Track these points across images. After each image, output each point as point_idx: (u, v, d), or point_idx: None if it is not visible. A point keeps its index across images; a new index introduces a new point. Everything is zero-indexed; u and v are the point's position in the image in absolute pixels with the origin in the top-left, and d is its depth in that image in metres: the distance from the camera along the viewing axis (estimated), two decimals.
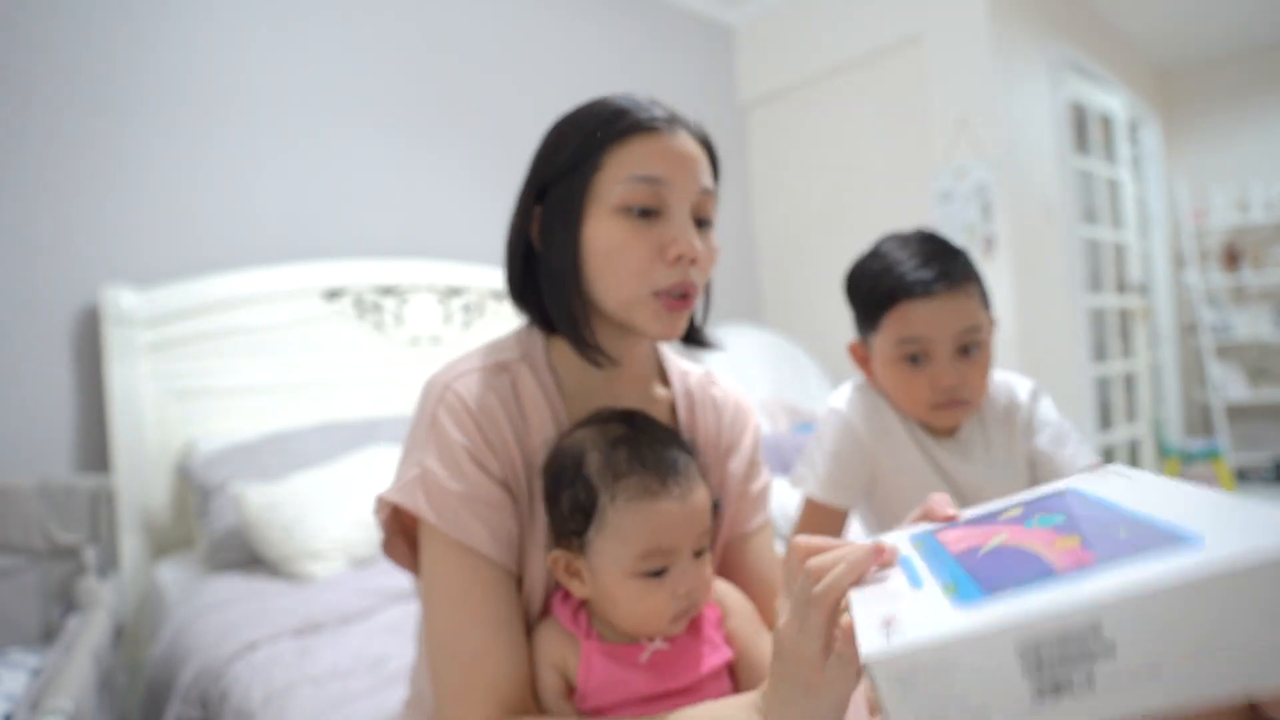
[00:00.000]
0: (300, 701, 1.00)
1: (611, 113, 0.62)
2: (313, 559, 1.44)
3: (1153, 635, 0.29)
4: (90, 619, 1.07)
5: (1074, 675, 0.30)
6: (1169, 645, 0.29)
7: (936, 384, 0.86)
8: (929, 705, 0.32)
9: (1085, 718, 0.30)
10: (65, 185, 1.68)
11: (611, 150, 0.61)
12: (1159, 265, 3.96)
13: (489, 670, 0.56)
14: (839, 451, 0.92)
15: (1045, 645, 0.31)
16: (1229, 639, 0.29)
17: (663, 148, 0.61)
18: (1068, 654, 0.30)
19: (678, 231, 0.61)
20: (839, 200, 3.03)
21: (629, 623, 0.58)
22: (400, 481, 0.60)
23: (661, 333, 0.62)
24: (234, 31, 1.93)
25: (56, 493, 1.34)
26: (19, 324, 1.61)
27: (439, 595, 0.58)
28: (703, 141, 0.65)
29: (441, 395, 0.61)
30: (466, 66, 2.39)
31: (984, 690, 0.31)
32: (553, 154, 0.63)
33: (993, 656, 0.31)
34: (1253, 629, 0.29)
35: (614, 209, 0.60)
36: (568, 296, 0.62)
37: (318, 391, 1.93)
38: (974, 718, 0.32)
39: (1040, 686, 0.31)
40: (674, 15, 3.06)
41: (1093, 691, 0.30)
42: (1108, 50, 3.44)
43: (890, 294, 0.87)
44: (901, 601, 0.37)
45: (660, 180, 0.60)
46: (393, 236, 2.19)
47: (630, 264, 0.60)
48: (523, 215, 0.66)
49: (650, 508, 0.56)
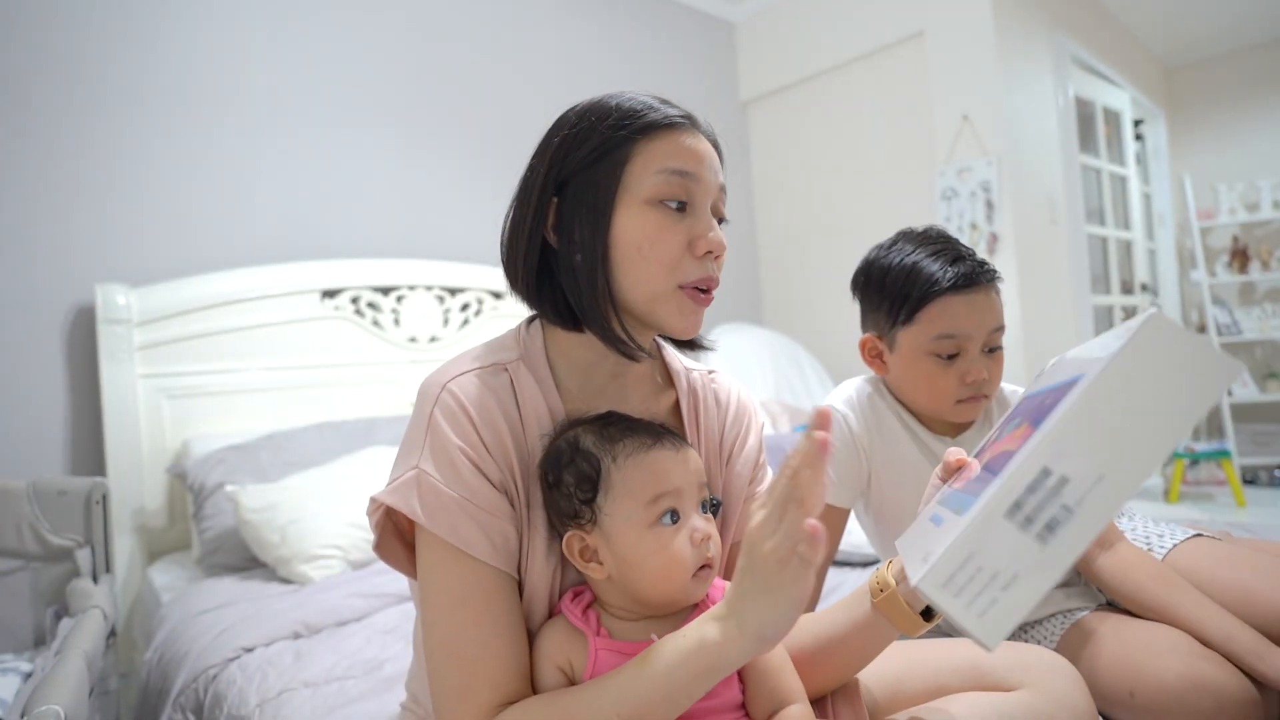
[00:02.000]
0: (296, 705, 0.99)
1: (635, 107, 0.62)
2: (309, 561, 1.43)
3: (1083, 453, 0.39)
4: (83, 622, 1.06)
5: (1055, 511, 0.39)
6: (1097, 453, 0.39)
7: (966, 379, 0.88)
8: (974, 594, 0.40)
9: (1082, 537, 0.38)
10: (61, 184, 1.67)
11: (641, 143, 0.61)
12: (1166, 264, 3.93)
13: (487, 673, 0.56)
14: (837, 451, 0.92)
15: (1021, 501, 0.40)
16: (1132, 426, 0.38)
17: (689, 143, 0.62)
18: (1040, 499, 0.39)
19: (704, 227, 0.62)
20: (841, 198, 3.01)
21: (652, 581, 0.58)
22: (395, 483, 0.59)
23: (685, 327, 0.63)
24: (232, 31, 1.92)
25: (49, 494, 1.32)
26: (13, 323, 1.60)
27: (436, 598, 0.58)
28: (716, 142, 0.67)
29: (438, 397, 0.60)
30: (466, 65, 2.37)
31: (1004, 558, 0.40)
32: (574, 147, 0.62)
33: (993, 530, 0.40)
34: (1141, 407, 0.38)
35: (646, 201, 0.61)
36: (597, 289, 0.61)
37: (314, 391, 1.91)
38: (1009, 584, 0.39)
39: (1039, 532, 0.39)
40: (675, 12, 3.04)
41: (1074, 515, 0.39)
42: (1113, 46, 3.42)
43: (930, 288, 0.87)
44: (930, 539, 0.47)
45: (690, 175, 0.61)
46: (390, 236, 2.17)
47: (662, 256, 0.61)
48: (535, 209, 0.64)
49: (649, 456, 0.59)
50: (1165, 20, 3.59)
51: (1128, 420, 0.39)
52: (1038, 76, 2.74)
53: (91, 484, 1.35)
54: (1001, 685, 0.63)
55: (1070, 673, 0.64)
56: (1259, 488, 3.73)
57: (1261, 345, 4.02)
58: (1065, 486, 0.39)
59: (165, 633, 1.32)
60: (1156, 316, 0.39)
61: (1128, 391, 0.39)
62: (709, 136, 0.65)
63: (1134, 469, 0.38)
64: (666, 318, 0.62)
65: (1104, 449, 0.39)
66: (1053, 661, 0.65)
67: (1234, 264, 3.99)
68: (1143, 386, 0.39)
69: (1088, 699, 0.63)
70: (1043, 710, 0.60)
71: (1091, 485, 0.39)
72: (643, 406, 0.69)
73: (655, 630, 0.59)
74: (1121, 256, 3.45)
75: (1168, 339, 0.39)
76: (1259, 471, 3.81)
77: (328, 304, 1.96)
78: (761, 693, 0.61)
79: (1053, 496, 0.39)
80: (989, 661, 0.64)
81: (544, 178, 0.63)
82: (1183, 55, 4.07)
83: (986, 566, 0.40)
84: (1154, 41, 3.85)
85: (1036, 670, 0.63)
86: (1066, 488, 0.39)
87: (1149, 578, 0.83)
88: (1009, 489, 0.40)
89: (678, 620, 0.60)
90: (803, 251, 3.15)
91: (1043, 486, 0.39)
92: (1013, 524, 0.40)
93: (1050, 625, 0.90)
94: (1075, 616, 0.88)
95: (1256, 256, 3.97)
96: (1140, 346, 0.39)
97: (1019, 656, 0.65)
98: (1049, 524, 0.39)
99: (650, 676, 0.51)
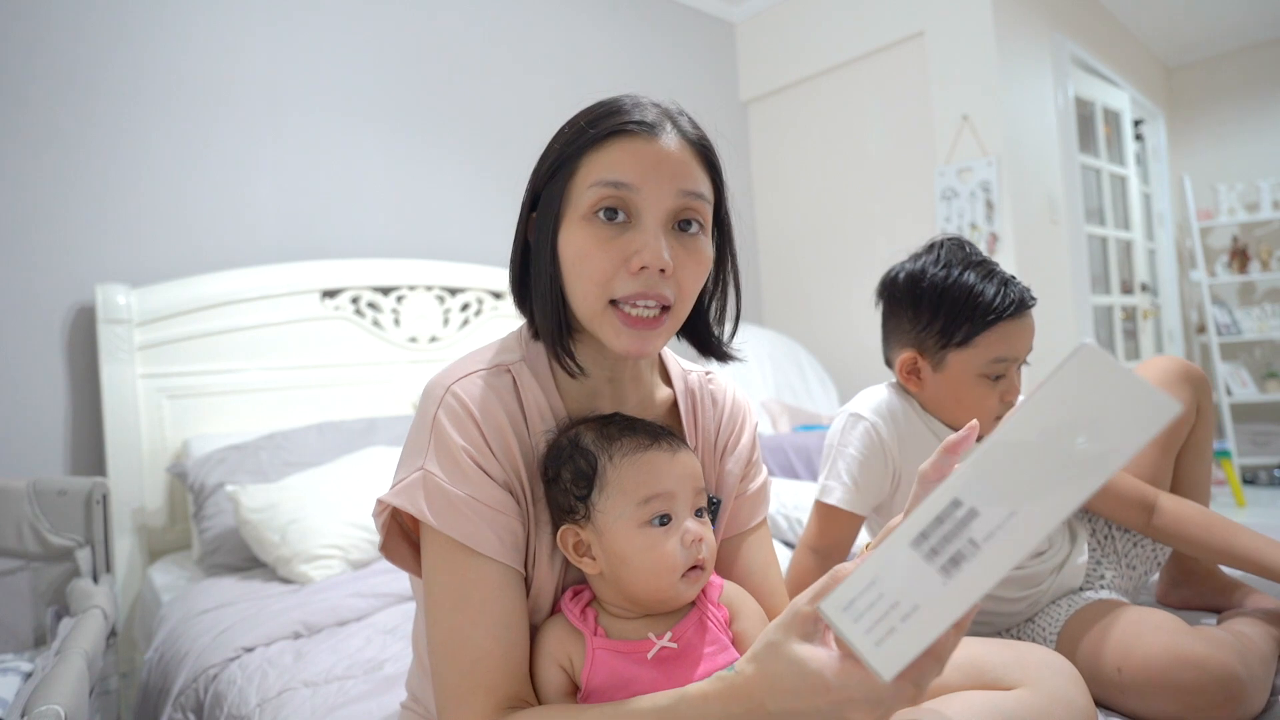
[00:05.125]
0: (296, 705, 0.99)
1: (598, 115, 0.61)
2: (309, 561, 1.43)
3: (996, 487, 0.37)
4: (83, 622, 1.05)
5: (961, 544, 0.37)
6: (1012, 488, 0.37)
7: (1005, 398, 0.90)
8: (873, 621, 0.38)
9: (988, 575, 0.37)
10: (60, 184, 1.67)
11: (587, 156, 0.60)
12: (1166, 264, 3.93)
13: (490, 672, 0.56)
14: (867, 460, 0.93)
15: (928, 531, 0.38)
16: (1052, 463, 0.36)
17: (636, 152, 0.59)
18: (947, 530, 0.38)
19: (643, 241, 0.58)
20: (841, 199, 3.00)
21: (642, 580, 0.58)
22: (400, 484, 0.59)
23: (626, 348, 0.60)
24: (230, 30, 1.92)
25: (49, 494, 1.32)
26: (12, 323, 1.60)
27: (440, 597, 0.58)
28: (698, 143, 0.62)
29: (442, 398, 0.61)
30: (466, 64, 2.37)
31: (906, 588, 0.38)
32: (542, 161, 0.64)
33: (897, 557, 0.39)
34: (1062, 444, 0.36)
35: (583, 216, 0.60)
36: (548, 304, 0.62)
37: (315, 392, 1.91)
38: (908, 615, 0.38)
39: (943, 564, 0.38)
40: (676, 12, 3.04)
41: (979, 550, 0.37)
42: (1113, 46, 3.42)
43: (994, 312, 0.88)
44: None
45: (628, 185, 0.58)
46: (391, 236, 2.17)
47: (593, 273, 0.59)
48: (520, 222, 0.66)
49: (644, 457, 0.60)
50: (1165, 20, 3.59)
51: (1047, 456, 0.37)
52: (1037, 76, 2.74)
53: (91, 484, 1.35)
54: (1000, 684, 0.63)
55: (1069, 671, 0.64)
56: (1259, 488, 3.73)
57: (1261, 345, 4.02)
58: (974, 520, 0.37)
59: (165, 632, 1.31)
60: (1087, 349, 0.37)
61: (1050, 426, 0.37)
62: (688, 138, 0.61)
63: (1050, 508, 0.36)
64: (606, 338, 0.60)
65: (1020, 484, 0.37)
66: (1052, 660, 0.65)
67: (1234, 264, 3.99)
68: (1067, 421, 0.36)
69: (1086, 697, 0.63)
70: (1042, 708, 0.60)
71: (1002, 521, 0.37)
72: (641, 407, 0.69)
73: (652, 629, 0.59)
74: (1121, 256, 3.45)
75: (1097, 373, 0.36)
76: (1259, 471, 3.81)
77: (328, 304, 1.96)
78: None
79: (960, 529, 0.38)
80: (988, 660, 0.65)
81: (527, 190, 0.65)
82: (1183, 55, 4.07)
83: (888, 594, 0.38)
84: (1154, 41, 3.85)
85: (1035, 669, 0.63)
86: (975, 521, 0.37)
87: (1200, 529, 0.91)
88: (917, 518, 0.39)
89: (673, 620, 0.61)
90: (802, 251, 3.15)
91: (951, 518, 0.38)
92: (918, 554, 0.38)
93: (1053, 613, 0.91)
94: (1076, 606, 0.89)
95: (1256, 256, 3.96)
96: (1066, 380, 0.37)
97: (1018, 655, 0.65)
98: (954, 557, 0.37)
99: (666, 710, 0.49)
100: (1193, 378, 1.02)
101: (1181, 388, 1.01)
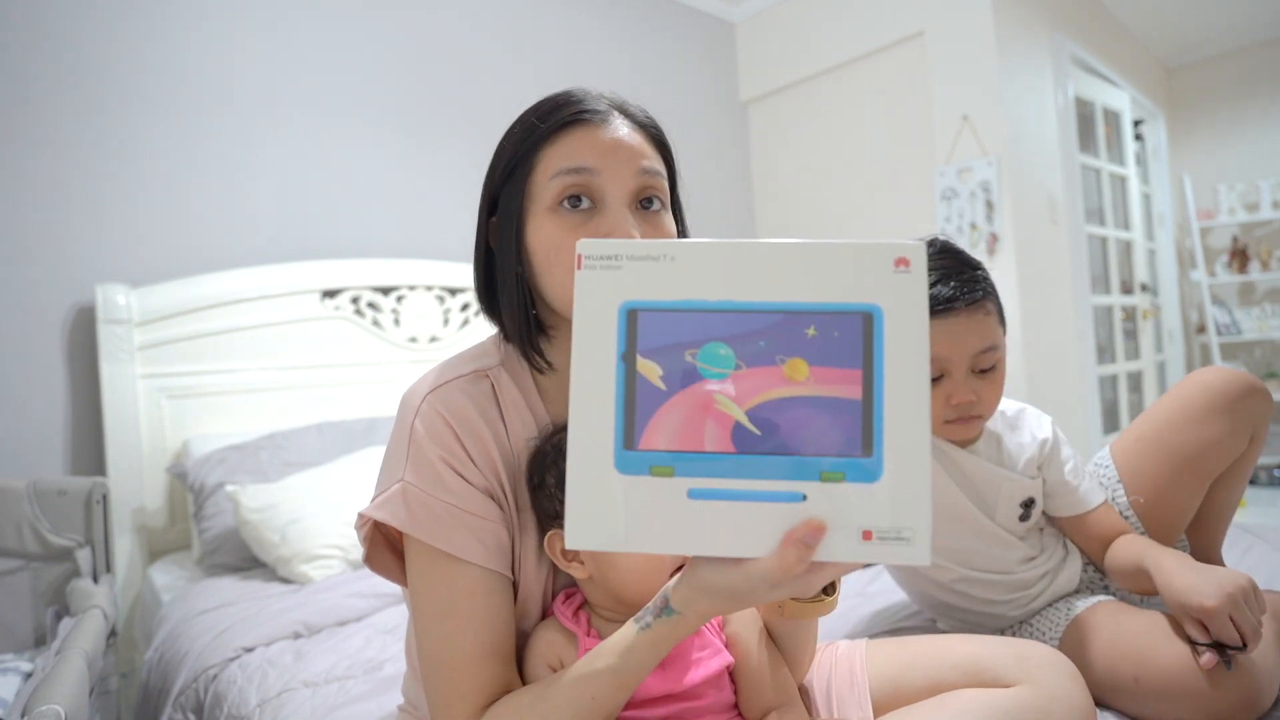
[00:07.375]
0: (296, 705, 0.99)
1: (544, 112, 0.62)
2: (309, 561, 1.43)
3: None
4: (83, 622, 1.05)
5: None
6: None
7: (952, 401, 0.85)
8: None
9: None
10: (61, 184, 1.67)
11: (543, 150, 0.61)
12: (1166, 264, 3.93)
13: (479, 676, 0.56)
14: None
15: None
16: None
17: (592, 138, 0.60)
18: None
19: (614, 222, 0.59)
20: (841, 198, 3.00)
21: (631, 582, 0.58)
22: (380, 496, 0.60)
23: None
24: (230, 30, 1.92)
25: (49, 494, 1.32)
26: (13, 323, 1.60)
27: (426, 605, 0.58)
28: (649, 126, 0.64)
29: (419, 408, 0.61)
30: (466, 64, 2.37)
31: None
32: (495, 164, 0.64)
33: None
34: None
35: (548, 207, 0.60)
36: (516, 304, 0.63)
37: (314, 391, 1.91)
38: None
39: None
40: (675, 12, 3.04)
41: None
42: (1113, 46, 3.42)
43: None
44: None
45: (590, 169, 0.59)
46: (391, 236, 2.17)
47: (568, 261, 0.58)
48: (479, 228, 0.67)
49: None
50: (1165, 20, 3.59)
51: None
52: (1038, 76, 2.74)
53: (91, 484, 1.35)
54: (1000, 682, 0.63)
55: (1069, 669, 0.64)
56: (1259, 488, 3.72)
57: (1261, 345, 4.02)
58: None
59: (165, 632, 1.31)
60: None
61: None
62: (639, 121, 0.63)
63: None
64: None
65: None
66: (1051, 658, 0.65)
67: (1234, 264, 3.98)
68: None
69: (1086, 695, 0.63)
70: (1041, 706, 0.60)
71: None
72: None
73: None
74: (1121, 256, 3.45)
75: None
76: (1259, 471, 3.80)
77: (328, 304, 1.96)
78: (754, 694, 0.61)
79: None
80: (988, 658, 0.65)
81: (483, 196, 0.66)
82: (1183, 55, 4.07)
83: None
84: (1154, 41, 3.85)
85: (1035, 667, 0.63)
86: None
87: (1122, 560, 0.87)
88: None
89: None
90: None
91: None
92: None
93: (1053, 617, 0.91)
94: (1076, 610, 0.89)
95: (1256, 257, 3.96)
96: None
97: (1018, 653, 0.65)
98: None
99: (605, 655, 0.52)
100: (1254, 398, 0.92)
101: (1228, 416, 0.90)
